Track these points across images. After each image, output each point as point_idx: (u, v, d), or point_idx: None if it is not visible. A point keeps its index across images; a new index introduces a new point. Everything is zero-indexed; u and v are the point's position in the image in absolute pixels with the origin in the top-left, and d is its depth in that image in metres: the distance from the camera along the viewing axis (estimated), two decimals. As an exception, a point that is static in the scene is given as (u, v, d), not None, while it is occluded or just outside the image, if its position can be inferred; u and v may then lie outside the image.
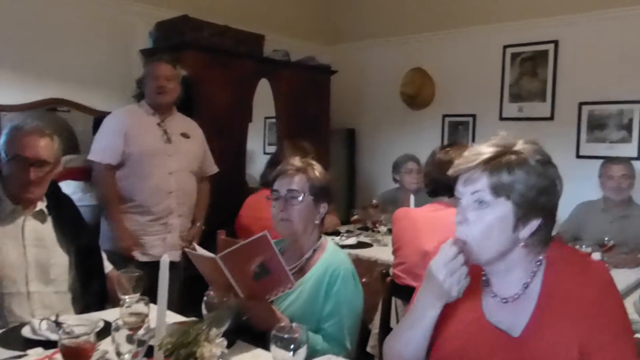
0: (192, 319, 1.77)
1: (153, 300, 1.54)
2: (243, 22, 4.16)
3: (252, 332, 1.76)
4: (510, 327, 1.24)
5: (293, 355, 1.28)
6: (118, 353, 1.30)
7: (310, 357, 1.36)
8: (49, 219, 2.06)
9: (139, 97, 3.08)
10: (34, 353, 1.50)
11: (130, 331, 1.34)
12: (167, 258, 1.36)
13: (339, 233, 3.60)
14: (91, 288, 2.08)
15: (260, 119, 4.56)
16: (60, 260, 2.04)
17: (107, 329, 1.56)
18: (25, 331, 1.67)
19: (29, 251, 1.97)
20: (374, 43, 5.08)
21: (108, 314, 1.88)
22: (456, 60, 4.62)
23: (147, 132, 2.95)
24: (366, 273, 2.91)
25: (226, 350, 1.35)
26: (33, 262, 1.97)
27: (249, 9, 4.51)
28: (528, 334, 1.21)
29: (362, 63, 5.17)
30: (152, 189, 2.90)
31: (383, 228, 3.48)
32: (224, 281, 1.70)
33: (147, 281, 1.74)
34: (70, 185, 3.11)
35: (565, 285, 1.21)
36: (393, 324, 2.38)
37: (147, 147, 2.90)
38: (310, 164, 1.91)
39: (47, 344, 1.56)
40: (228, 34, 3.96)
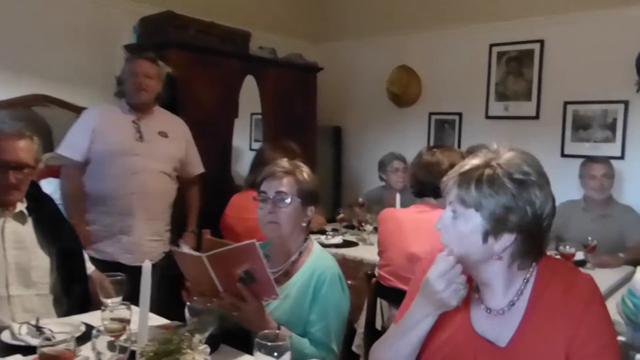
0: (175, 323, 1.76)
1: (133, 302, 1.53)
2: (229, 19, 4.12)
3: (236, 336, 1.75)
4: (496, 338, 1.24)
5: (278, 357, 1.26)
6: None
7: None
8: (30, 220, 2.03)
9: (120, 95, 3.01)
10: (12, 361, 1.48)
11: (111, 337, 1.32)
12: (149, 264, 1.34)
13: (325, 232, 3.59)
14: (73, 290, 2.05)
15: (246, 115, 4.53)
16: (41, 262, 2.01)
17: (89, 333, 1.54)
18: (4, 336, 1.64)
19: (9, 254, 1.94)
20: (361, 41, 5.06)
21: (90, 317, 1.86)
22: (443, 58, 4.62)
23: (117, 131, 2.87)
24: (352, 273, 2.90)
25: (209, 357, 1.33)
26: (13, 265, 1.94)
27: (236, 6, 4.46)
28: (514, 345, 1.22)
29: (349, 60, 5.15)
30: (112, 189, 2.81)
31: (369, 227, 3.47)
32: (208, 282, 1.69)
33: (129, 285, 1.72)
34: (52, 183, 3.06)
35: (552, 297, 1.22)
36: (378, 325, 2.38)
37: (112, 147, 2.82)
38: (298, 167, 1.89)
39: (27, 350, 1.53)
40: (214, 31, 3.92)
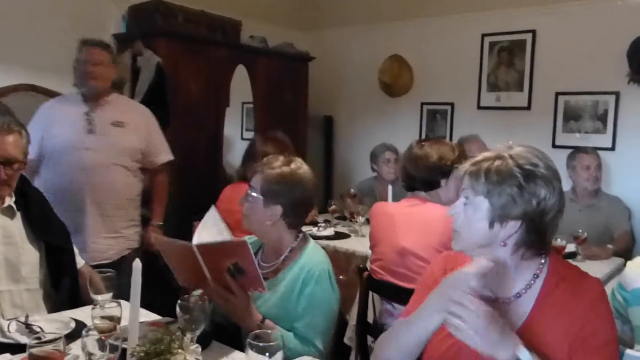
0: (166, 319, 1.76)
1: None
2: (220, 8, 4.07)
3: (227, 332, 1.75)
4: None
5: (270, 358, 1.26)
6: (89, 360, 1.26)
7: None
8: (18, 215, 2.00)
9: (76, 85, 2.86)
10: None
11: (102, 337, 1.31)
12: (139, 263, 1.32)
13: (317, 223, 3.58)
14: (63, 285, 2.03)
15: (237, 104, 4.50)
16: (30, 257, 1.99)
17: (79, 330, 1.53)
18: (-7, 334, 1.62)
19: None
20: (352, 30, 5.02)
21: (79, 313, 1.85)
22: (435, 48, 4.60)
23: (66, 125, 2.74)
24: (343, 266, 2.91)
25: (200, 357, 1.32)
26: (2, 260, 1.91)
27: (226, -6, 4.42)
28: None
29: (340, 50, 5.11)
30: (63, 186, 2.68)
31: (361, 219, 3.47)
32: (194, 272, 1.70)
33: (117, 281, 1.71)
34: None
35: (561, 297, 1.26)
36: (370, 318, 2.38)
37: (60, 141, 2.70)
38: (289, 161, 1.87)
39: (16, 348, 1.52)
40: (204, 20, 3.87)
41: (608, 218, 3.33)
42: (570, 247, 2.93)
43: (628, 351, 1.60)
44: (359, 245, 3.10)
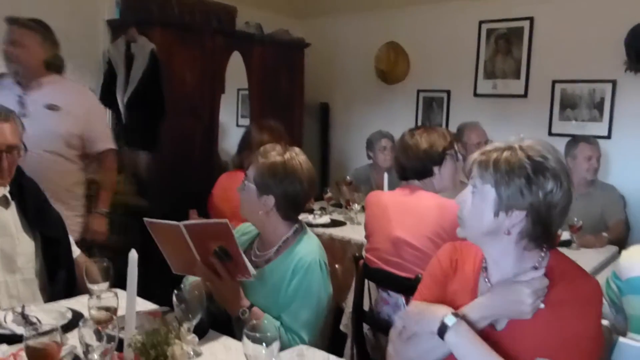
0: (163, 309, 1.76)
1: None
2: (214, -7, 4.05)
3: (220, 320, 1.76)
4: (495, 320, 1.31)
5: (267, 347, 1.26)
6: (86, 351, 1.26)
7: None
8: (13, 205, 1.98)
9: None
10: (-1, 350, 1.46)
11: (99, 327, 1.31)
12: (135, 253, 1.32)
13: (312, 211, 3.58)
14: (59, 275, 2.03)
15: (232, 91, 4.48)
16: (26, 247, 1.98)
17: (75, 320, 1.53)
18: (-11, 325, 1.62)
19: None
20: (348, 16, 4.98)
21: (75, 303, 1.85)
22: (431, 35, 4.57)
23: None
24: (339, 254, 2.92)
25: (198, 348, 1.33)
26: (-2, 251, 1.91)
27: (221, -20, 4.37)
28: (509, 332, 1.29)
29: (336, 37, 5.08)
30: None
31: (356, 206, 3.46)
32: (186, 252, 1.71)
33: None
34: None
35: (557, 295, 1.27)
36: (366, 306, 2.39)
37: None
38: (284, 151, 1.85)
39: (13, 339, 1.52)
40: (198, 6, 3.85)
41: (603, 207, 3.34)
42: (565, 235, 2.94)
43: (621, 339, 1.61)
44: (355, 233, 3.10)
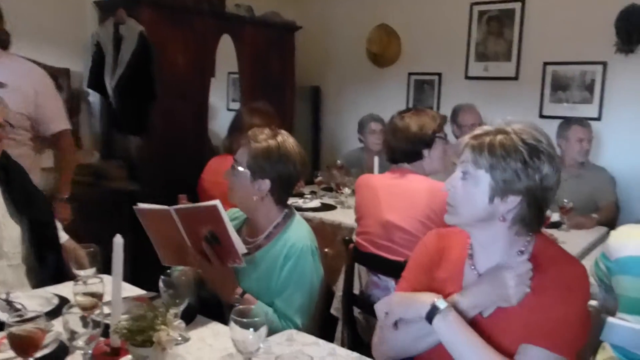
0: (150, 294, 1.75)
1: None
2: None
3: (211, 306, 1.75)
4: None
5: (254, 332, 1.25)
6: (71, 338, 1.25)
7: None
8: (-1, 189, 1.96)
9: None
10: (-18, 337, 1.44)
11: (84, 313, 1.29)
12: (121, 239, 1.31)
13: (303, 195, 3.57)
14: (46, 260, 2.01)
15: (223, 74, 4.44)
16: (11, 232, 1.95)
17: (62, 306, 1.51)
18: (-27, 312, 1.60)
19: None
20: (340, -2, 4.94)
21: (63, 288, 1.83)
22: (423, 17, 4.54)
23: None
24: (330, 237, 2.91)
25: (186, 333, 1.32)
26: (-17, 236, 1.88)
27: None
28: (495, 319, 1.27)
29: (327, 19, 5.03)
30: None
31: (347, 190, 3.46)
32: (176, 238, 1.70)
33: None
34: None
35: (543, 282, 1.25)
36: (356, 290, 2.40)
37: None
38: (274, 134, 1.83)
39: (-2, 325, 1.50)
40: (187, -13, 3.79)
41: (594, 188, 3.35)
42: (555, 217, 2.95)
43: (609, 319, 1.62)
44: (345, 216, 3.09)
